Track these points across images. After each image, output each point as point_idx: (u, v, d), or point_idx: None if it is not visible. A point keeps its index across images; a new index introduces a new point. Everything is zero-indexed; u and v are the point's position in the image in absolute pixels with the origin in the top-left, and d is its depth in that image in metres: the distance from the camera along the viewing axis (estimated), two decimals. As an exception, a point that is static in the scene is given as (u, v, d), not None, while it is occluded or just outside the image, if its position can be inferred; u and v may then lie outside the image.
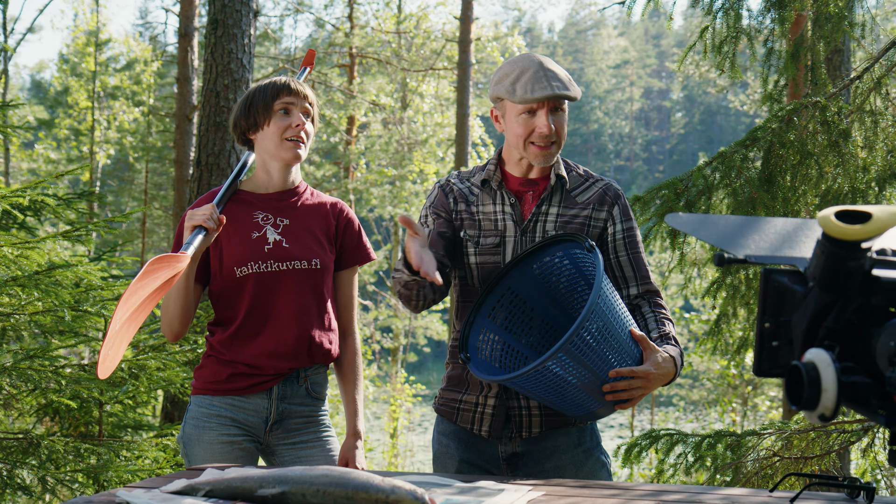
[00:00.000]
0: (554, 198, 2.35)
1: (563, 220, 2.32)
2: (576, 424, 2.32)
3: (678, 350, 2.22)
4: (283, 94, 2.47)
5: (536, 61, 2.28)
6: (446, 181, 2.46)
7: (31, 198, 3.93)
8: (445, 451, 2.37)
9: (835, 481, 1.81)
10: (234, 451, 2.42)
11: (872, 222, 1.08)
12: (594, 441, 2.37)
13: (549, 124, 2.25)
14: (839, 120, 4.01)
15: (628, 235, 2.36)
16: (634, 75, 57.89)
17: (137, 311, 2.20)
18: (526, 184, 2.37)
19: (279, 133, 2.47)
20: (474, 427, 2.32)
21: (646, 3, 4.70)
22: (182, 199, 10.42)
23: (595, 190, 2.37)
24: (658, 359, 2.11)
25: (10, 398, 4.17)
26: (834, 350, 1.10)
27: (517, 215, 2.34)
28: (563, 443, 2.31)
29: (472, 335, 2.23)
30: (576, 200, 2.35)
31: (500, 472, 2.30)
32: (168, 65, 19.32)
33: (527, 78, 2.26)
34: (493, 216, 2.35)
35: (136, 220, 16.87)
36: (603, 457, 2.37)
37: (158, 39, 21.59)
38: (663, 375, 2.11)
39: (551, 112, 2.27)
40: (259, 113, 2.47)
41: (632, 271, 2.35)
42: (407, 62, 16.21)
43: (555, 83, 2.24)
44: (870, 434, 3.93)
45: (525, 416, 2.29)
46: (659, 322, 2.28)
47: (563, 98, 2.25)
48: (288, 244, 2.47)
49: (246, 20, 5.82)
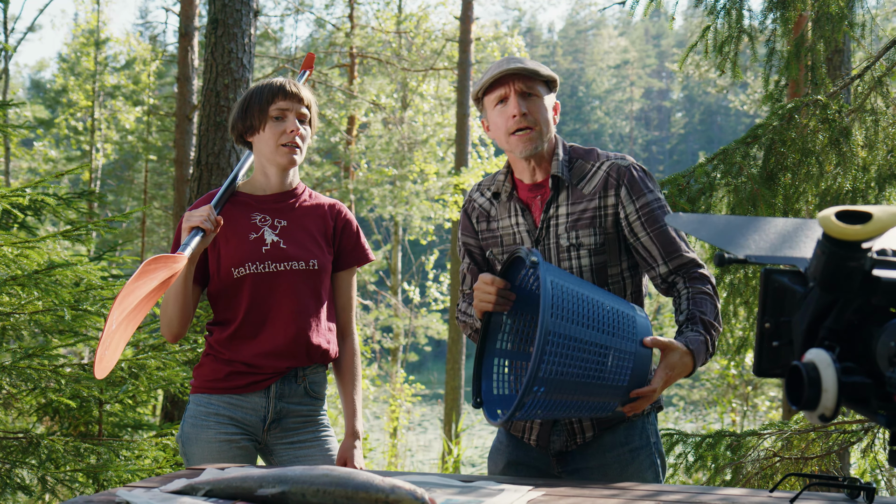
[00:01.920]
0: (560, 197, 2.28)
1: (574, 219, 2.26)
2: (626, 421, 2.27)
3: (702, 337, 2.10)
4: (279, 98, 2.46)
5: (506, 57, 2.30)
6: (468, 200, 2.44)
7: (32, 197, 3.93)
8: (499, 447, 2.39)
9: (835, 482, 1.81)
10: (233, 450, 2.43)
11: (873, 222, 1.08)
12: (643, 440, 2.29)
13: (515, 107, 2.23)
14: (840, 118, 4.01)
15: (643, 213, 2.23)
16: (634, 75, 57.89)
17: (134, 312, 2.20)
18: (534, 189, 2.32)
19: (274, 138, 2.47)
20: (524, 436, 2.32)
21: (648, 2, 4.70)
22: (182, 199, 10.42)
23: (600, 175, 2.27)
24: (673, 359, 2.05)
25: (9, 397, 4.16)
26: (834, 350, 1.10)
27: (529, 224, 2.30)
28: (610, 441, 2.27)
29: (485, 375, 2.18)
30: (582, 193, 2.27)
31: (550, 469, 2.29)
32: (168, 64, 19.32)
33: (489, 69, 2.28)
34: (510, 230, 2.33)
35: (136, 220, 16.87)
36: (654, 457, 2.30)
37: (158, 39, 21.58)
38: (680, 373, 2.06)
39: (521, 97, 2.24)
40: (255, 116, 2.47)
41: (656, 249, 2.22)
42: (407, 62, 16.21)
43: (513, 63, 2.23)
44: (870, 434, 3.93)
45: (577, 423, 2.26)
46: (691, 300, 2.16)
47: (518, 73, 2.23)
48: (286, 245, 2.48)
49: (246, 20, 5.81)
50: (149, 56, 18.70)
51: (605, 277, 2.26)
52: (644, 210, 2.23)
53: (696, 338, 2.10)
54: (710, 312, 2.15)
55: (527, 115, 2.24)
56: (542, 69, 2.28)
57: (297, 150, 2.49)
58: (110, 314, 2.11)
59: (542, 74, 2.27)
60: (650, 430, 2.31)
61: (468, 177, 13.88)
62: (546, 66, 2.32)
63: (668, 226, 2.21)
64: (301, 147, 2.50)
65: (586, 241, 2.24)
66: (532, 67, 2.25)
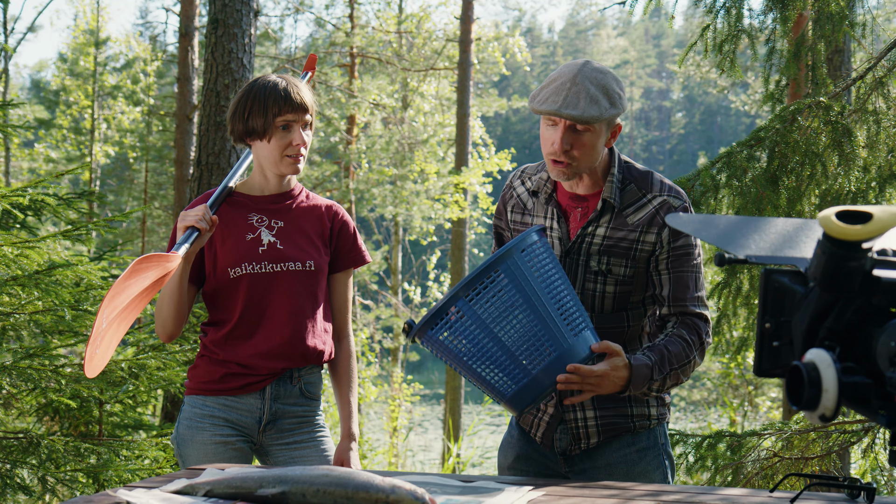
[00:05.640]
0: (603, 218, 2.20)
1: (610, 244, 2.19)
2: (633, 431, 2.26)
3: (650, 363, 2.08)
4: (285, 110, 2.41)
5: (572, 73, 2.12)
6: (507, 186, 2.39)
7: (32, 197, 3.93)
8: (510, 440, 2.40)
9: (835, 482, 1.81)
10: (228, 452, 2.43)
11: (873, 223, 1.08)
12: (651, 441, 2.28)
13: (559, 141, 2.10)
14: (843, 119, 4.01)
15: (674, 255, 2.18)
16: (634, 75, 57.86)
17: (126, 311, 2.20)
18: (575, 199, 2.24)
19: (280, 150, 2.44)
20: (531, 431, 2.32)
21: (647, 1, 4.70)
22: (182, 199, 10.41)
23: (648, 209, 2.19)
24: (615, 363, 2.05)
25: (9, 397, 4.17)
26: (834, 350, 1.10)
27: (563, 234, 2.24)
28: (617, 442, 2.26)
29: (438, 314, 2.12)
30: (626, 221, 2.19)
31: (557, 467, 2.29)
32: (168, 64, 19.31)
33: (550, 88, 2.12)
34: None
35: (136, 220, 16.86)
36: (661, 457, 2.29)
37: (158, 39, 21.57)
38: (612, 382, 2.05)
39: (571, 130, 2.11)
40: (258, 123, 2.42)
41: (668, 291, 2.18)
42: (408, 62, 16.20)
43: (570, 100, 2.08)
44: (870, 434, 3.93)
45: (582, 429, 2.25)
46: (667, 336, 2.14)
47: (562, 117, 2.08)
48: (282, 246, 2.47)
49: (246, 20, 5.81)
50: (149, 56, 18.69)
51: (626, 304, 2.24)
52: (675, 252, 2.19)
53: (642, 360, 2.09)
54: (675, 354, 2.12)
55: (569, 152, 2.12)
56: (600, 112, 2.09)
57: (301, 158, 2.48)
58: (99, 313, 2.10)
59: (599, 120, 2.10)
60: (658, 433, 2.30)
61: (468, 176, 13.87)
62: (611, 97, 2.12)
63: (689, 276, 2.18)
64: (304, 155, 2.49)
65: (616, 270, 2.20)
66: (587, 117, 2.08)
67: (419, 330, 2.05)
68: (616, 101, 2.13)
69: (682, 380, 2.15)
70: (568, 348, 2.02)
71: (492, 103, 17.52)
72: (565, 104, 2.08)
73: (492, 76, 18.96)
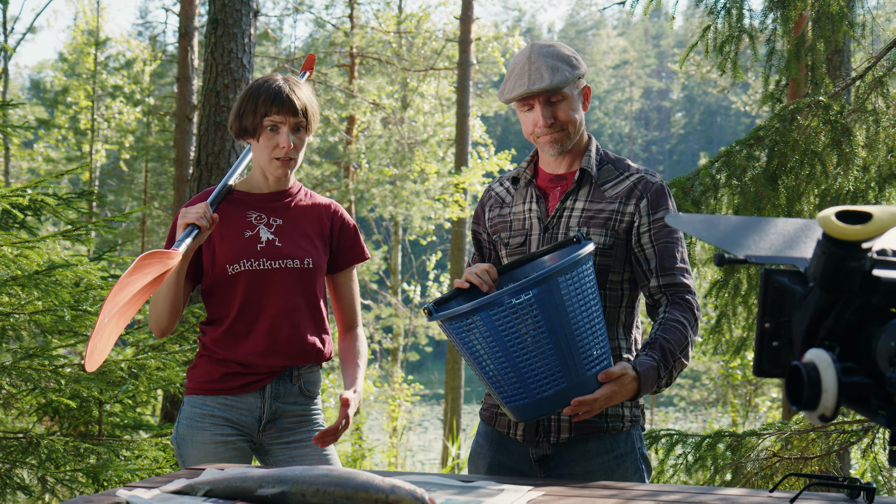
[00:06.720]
0: (581, 192, 2.28)
1: (588, 216, 2.25)
2: (608, 432, 2.26)
3: (654, 363, 2.10)
4: (272, 111, 2.42)
5: (525, 56, 2.24)
6: (486, 190, 2.46)
7: (32, 197, 3.93)
8: (479, 451, 2.38)
9: (835, 482, 1.81)
10: (228, 451, 2.43)
11: (873, 223, 1.08)
12: (628, 446, 2.28)
13: (541, 117, 2.21)
14: (842, 119, 4.01)
15: (655, 226, 2.23)
16: (634, 75, 57.87)
17: (127, 306, 2.20)
18: (555, 179, 2.32)
19: (268, 151, 2.46)
20: (510, 431, 2.30)
21: (647, 2, 4.70)
22: (182, 199, 10.42)
23: (626, 184, 2.27)
24: (624, 381, 2.05)
25: (9, 397, 4.17)
26: (834, 350, 1.10)
27: (542, 212, 2.30)
28: (595, 447, 2.25)
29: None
30: (604, 195, 2.26)
31: (532, 474, 2.27)
32: (168, 64, 19.31)
33: (513, 77, 2.24)
34: (521, 215, 2.33)
35: (136, 220, 16.86)
36: (639, 463, 2.28)
37: (158, 39, 21.58)
38: (624, 396, 2.06)
39: (546, 104, 2.22)
40: (248, 122, 2.44)
41: (655, 261, 2.22)
42: (407, 62, 16.20)
43: (534, 77, 2.19)
44: (870, 434, 3.93)
45: (553, 422, 2.25)
46: (662, 326, 2.16)
47: (533, 94, 2.19)
48: (281, 243, 2.48)
49: (246, 20, 5.82)
50: (149, 56, 18.68)
51: (605, 282, 2.25)
52: (656, 224, 2.24)
53: (646, 362, 2.10)
54: (675, 341, 2.14)
55: (554, 122, 2.23)
56: (566, 76, 2.21)
57: (291, 162, 2.48)
58: (103, 307, 2.11)
59: (567, 82, 2.21)
60: (635, 437, 2.30)
61: (468, 177, 13.87)
62: (569, 61, 2.24)
63: (674, 246, 2.22)
64: (295, 158, 2.48)
65: (595, 240, 2.22)
66: (556, 84, 2.19)
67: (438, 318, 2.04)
68: (574, 63, 2.25)
69: (685, 364, 2.18)
70: (578, 383, 2.01)
71: (491, 103, 17.52)
72: (532, 82, 2.20)
73: (491, 76, 18.97)
